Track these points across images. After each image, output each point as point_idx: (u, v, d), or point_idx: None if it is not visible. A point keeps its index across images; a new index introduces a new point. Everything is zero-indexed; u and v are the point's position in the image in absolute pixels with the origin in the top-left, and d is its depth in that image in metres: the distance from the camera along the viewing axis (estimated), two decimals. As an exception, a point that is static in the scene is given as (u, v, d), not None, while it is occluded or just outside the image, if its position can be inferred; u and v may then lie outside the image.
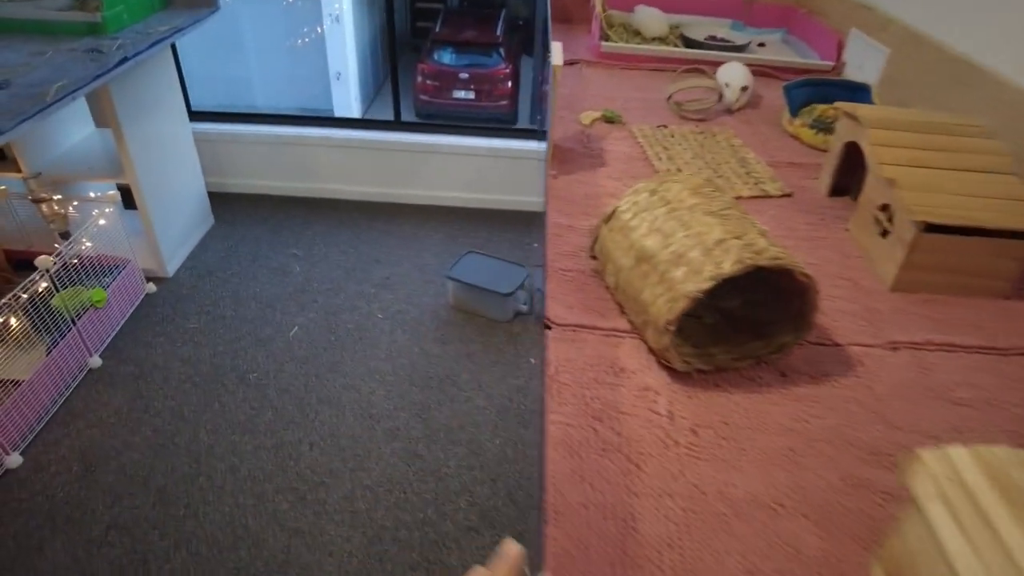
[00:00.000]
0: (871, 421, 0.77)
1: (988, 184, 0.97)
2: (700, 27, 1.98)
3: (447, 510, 1.73)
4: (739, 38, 1.92)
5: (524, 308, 2.16)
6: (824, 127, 1.36)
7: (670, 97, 1.54)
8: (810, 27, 1.93)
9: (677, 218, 0.83)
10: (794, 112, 1.43)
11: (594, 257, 0.97)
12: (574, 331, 0.87)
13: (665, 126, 1.44)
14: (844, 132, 1.15)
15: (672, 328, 0.75)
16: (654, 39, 1.93)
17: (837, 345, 0.88)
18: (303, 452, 1.91)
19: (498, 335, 2.21)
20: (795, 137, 1.43)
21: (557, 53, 1.16)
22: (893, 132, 1.03)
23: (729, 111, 1.54)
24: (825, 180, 1.22)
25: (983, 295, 0.98)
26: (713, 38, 1.91)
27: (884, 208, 1.01)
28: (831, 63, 1.76)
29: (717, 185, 0.92)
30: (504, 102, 6.88)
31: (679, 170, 1.26)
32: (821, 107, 1.36)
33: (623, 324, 0.88)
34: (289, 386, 2.12)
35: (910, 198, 0.93)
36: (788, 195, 1.22)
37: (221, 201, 3.14)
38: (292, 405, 2.05)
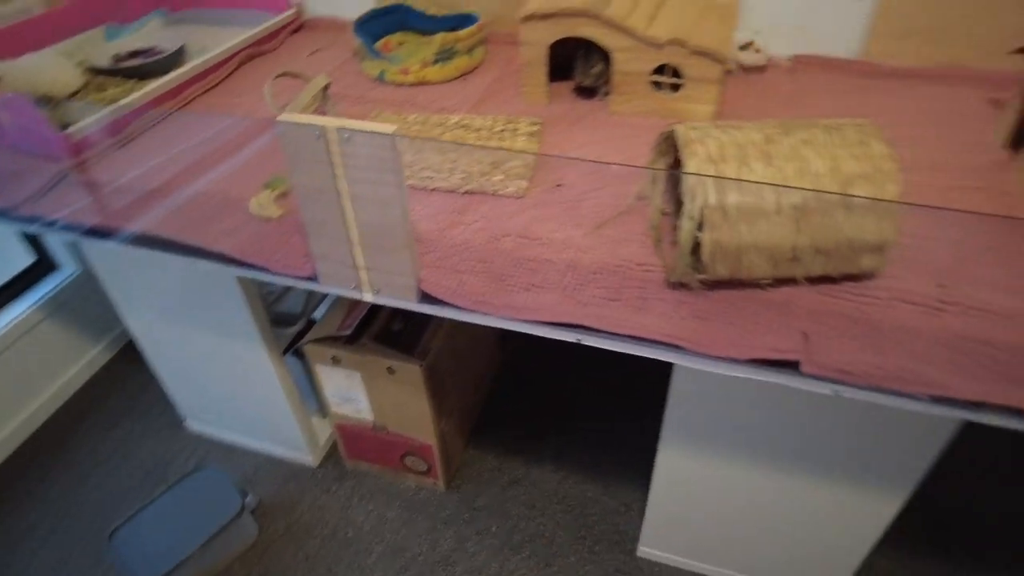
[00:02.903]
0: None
1: None
2: (91, 52, 1.37)
3: None
4: (163, 40, 1.42)
5: (252, 502, 1.43)
6: (449, 56, 1.23)
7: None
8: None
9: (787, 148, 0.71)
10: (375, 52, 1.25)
11: (682, 285, 0.74)
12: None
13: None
14: (539, 35, 1.08)
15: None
16: (75, 93, 1.26)
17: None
18: None
19: (280, 555, 1.35)
20: (421, 83, 1.25)
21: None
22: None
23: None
24: (539, 89, 1.16)
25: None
26: (132, 54, 1.37)
27: (660, 70, 1.05)
28: (285, 10, 1.50)
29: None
30: None
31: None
32: (441, 38, 1.20)
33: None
34: None
35: (711, 39, 1.00)
36: (540, 123, 1.11)
37: None
38: None
